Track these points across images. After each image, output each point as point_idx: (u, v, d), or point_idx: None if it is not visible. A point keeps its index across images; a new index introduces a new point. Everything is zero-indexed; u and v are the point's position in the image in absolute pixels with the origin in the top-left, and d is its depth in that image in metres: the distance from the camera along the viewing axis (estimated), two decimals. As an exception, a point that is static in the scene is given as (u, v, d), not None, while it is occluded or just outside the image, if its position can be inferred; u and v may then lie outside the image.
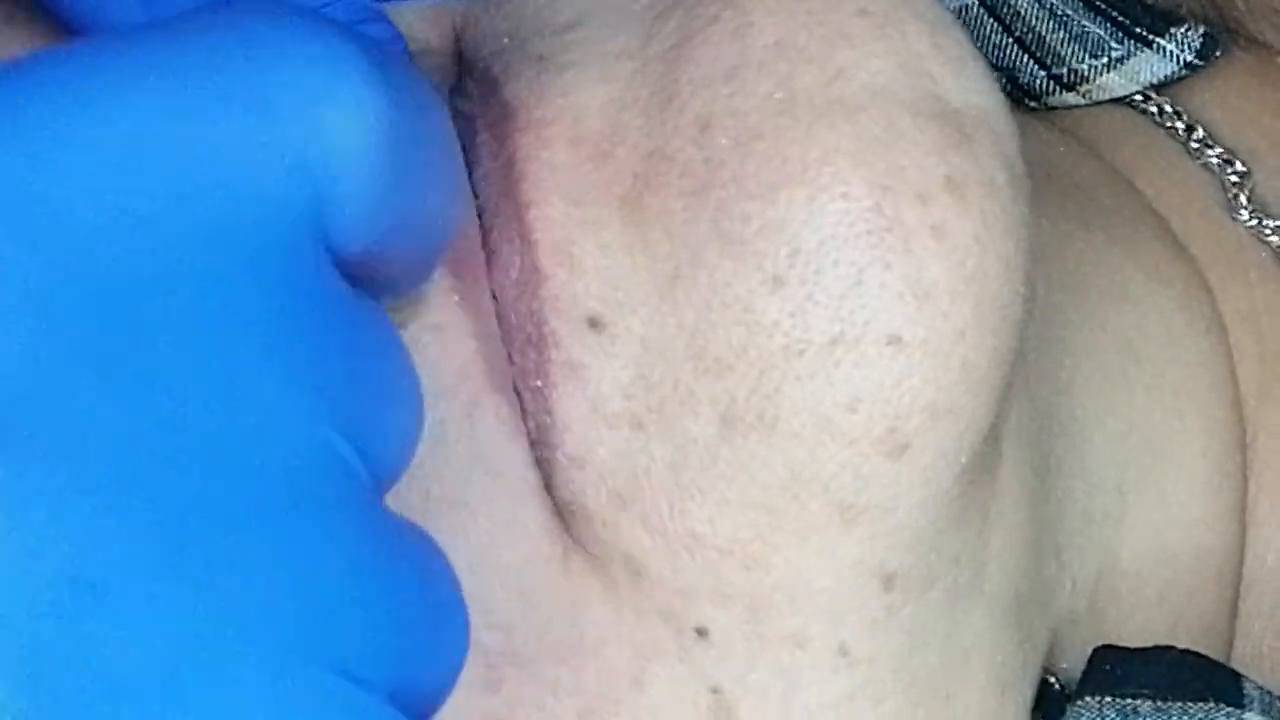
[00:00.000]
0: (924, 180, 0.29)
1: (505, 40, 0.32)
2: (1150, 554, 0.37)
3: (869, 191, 0.29)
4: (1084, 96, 0.42)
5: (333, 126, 0.25)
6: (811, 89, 0.29)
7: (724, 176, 0.29)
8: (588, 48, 0.31)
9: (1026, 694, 0.33)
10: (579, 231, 0.30)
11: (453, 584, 0.26)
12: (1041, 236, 0.31)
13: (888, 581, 0.30)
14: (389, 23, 0.32)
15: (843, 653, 0.30)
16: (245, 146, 0.24)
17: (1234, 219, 0.41)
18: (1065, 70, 0.42)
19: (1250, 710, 0.35)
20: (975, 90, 0.30)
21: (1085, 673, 0.34)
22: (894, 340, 0.29)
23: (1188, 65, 0.42)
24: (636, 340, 0.29)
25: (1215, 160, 0.42)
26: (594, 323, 0.30)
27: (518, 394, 0.30)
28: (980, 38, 0.43)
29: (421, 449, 0.29)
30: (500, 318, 0.30)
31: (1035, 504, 0.34)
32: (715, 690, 0.30)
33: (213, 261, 0.24)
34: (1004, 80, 0.42)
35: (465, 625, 0.26)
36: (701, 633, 0.30)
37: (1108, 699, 0.34)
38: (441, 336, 0.30)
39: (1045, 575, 0.34)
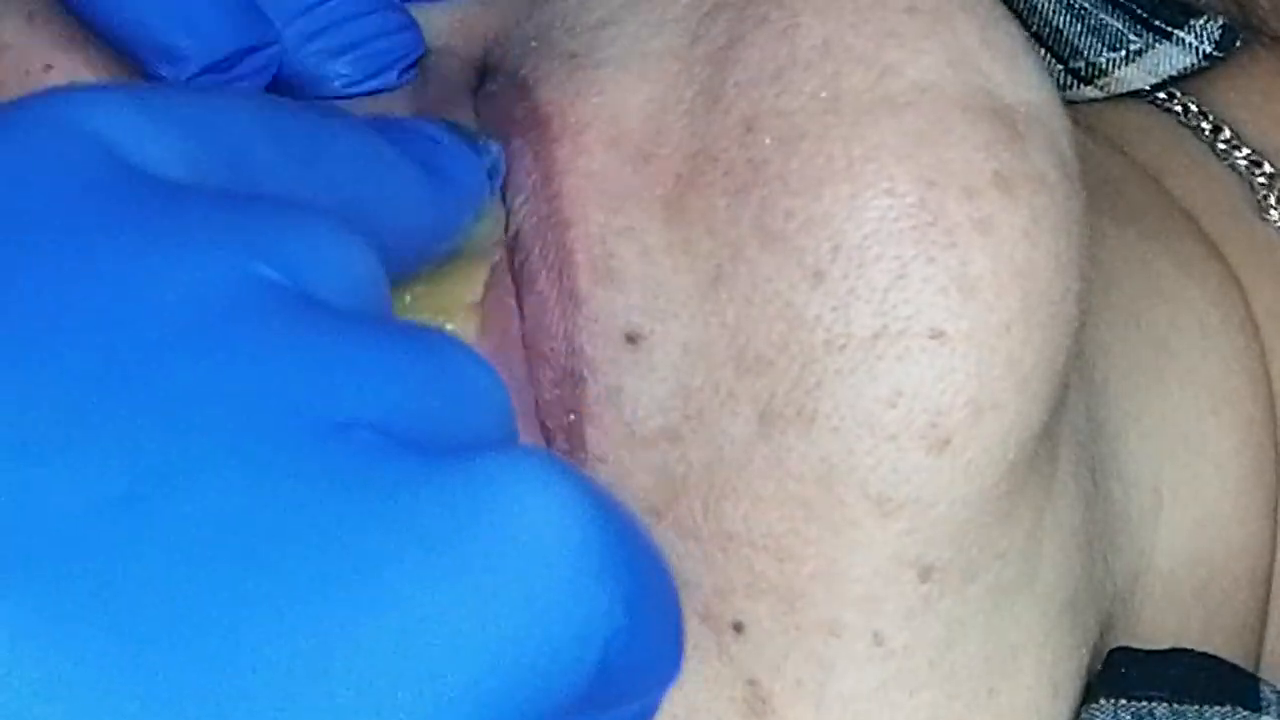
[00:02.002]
0: (971, 175, 0.29)
1: (533, 43, 0.31)
2: (1186, 553, 0.37)
3: (913, 187, 0.28)
4: (1102, 90, 0.42)
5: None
6: (859, 87, 0.29)
7: (768, 174, 0.29)
8: (624, 45, 0.30)
9: (1079, 695, 0.33)
10: (619, 241, 0.29)
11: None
12: None
13: (925, 573, 0.30)
14: (406, 13, 0.32)
15: (878, 642, 0.30)
16: None
17: (1263, 219, 0.41)
18: (1083, 64, 0.42)
19: (1268, 714, 0.34)
20: (1028, 85, 0.30)
21: (1100, 674, 0.34)
22: (937, 334, 0.28)
23: (1207, 57, 0.41)
24: (677, 347, 0.29)
25: (1243, 161, 0.41)
26: (632, 337, 0.29)
27: (545, 432, 0.30)
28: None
29: None
30: (530, 352, 0.30)
31: (1091, 506, 0.34)
32: (751, 682, 0.30)
33: None
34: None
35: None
36: (738, 628, 0.30)
37: (1123, 701, 0.34)
38: None
39: (1098, 577, 0.34)
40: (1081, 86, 0.42)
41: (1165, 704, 0.34)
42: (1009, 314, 0.29)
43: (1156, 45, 0.41)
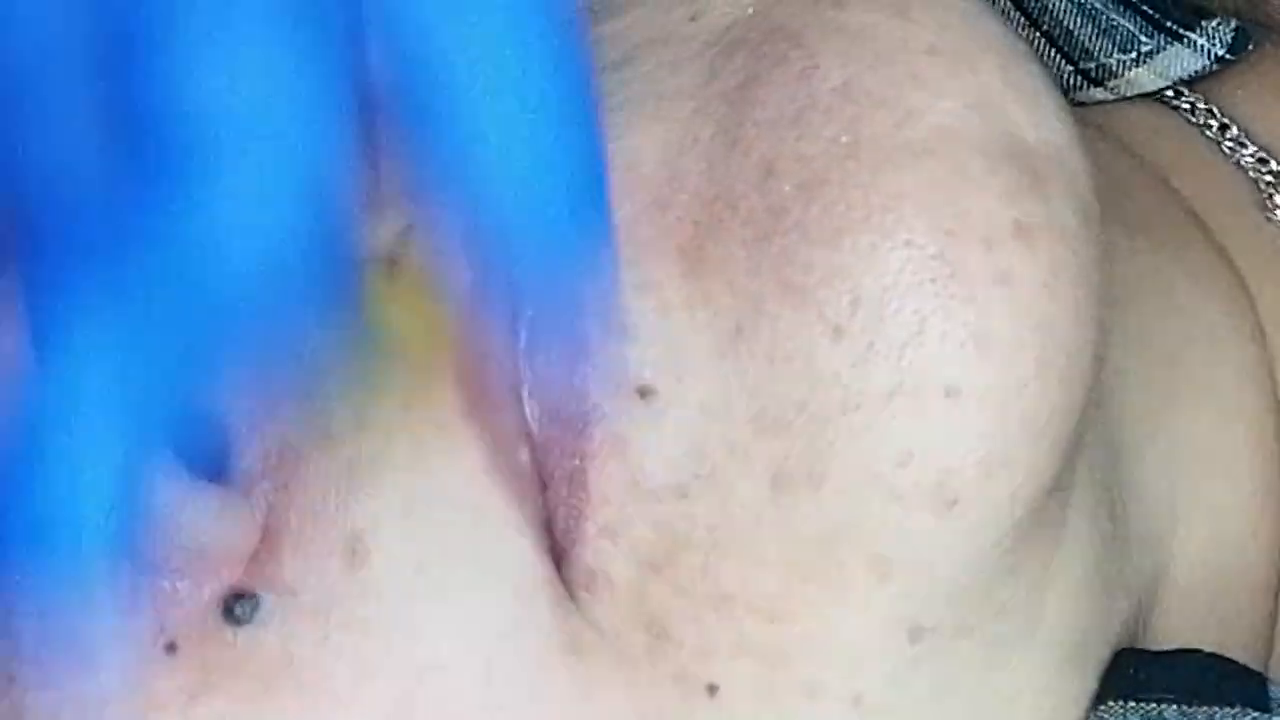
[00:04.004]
0: (991, 225, 0.28)
1: None
2: (1200, 568, 0.37)
3: (932, 238, 0.28)
4: (1112, 92, 0.41)
5: None
6: (879, 133, 0.28)
7: (787, 224, 0.28)
8: (640, 86, 0.30)
9: None
10: (633, 296, 0.29)
11: None
12: None
13: (915, 634, 0.29)
14: None
15: (856, 702, 0.29)
16: None
17: (1269, 219, 0.41)
18: (1094, 65, 0.41)
19: (1278, 715, 0.34)
20: (1049, 126, 0.29)
21: (1107, 676, 0.34)
22: (952, 392, 0.28)
23: (1219, 59, 0.41)
24: (694, 405, 0.28)
25: (1250, 159, 0.41)
26: (645, 392, 0.28)
27: (540, 477, 0.29)
28: (1005, 32, 0.42)
29: (420, 548, 0.28)
30: (529, 396, 0.29)
31: (1108, 543, 0.33)
32: None
33: None
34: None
35: None
36: (712, 690, 0.29)
37: (1131, 704, 0.33)
38: (447, 435, 0.29)
39: (1114, 610, 0.34)
40: (1091, 88, 0.41)
41: (1174, 706, 0.34)
42: (1025, 370, 0.28)
43: (1168, 47, 0.41)
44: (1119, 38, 0.41)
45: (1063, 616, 0.32)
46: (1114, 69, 0.41)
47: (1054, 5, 0.41)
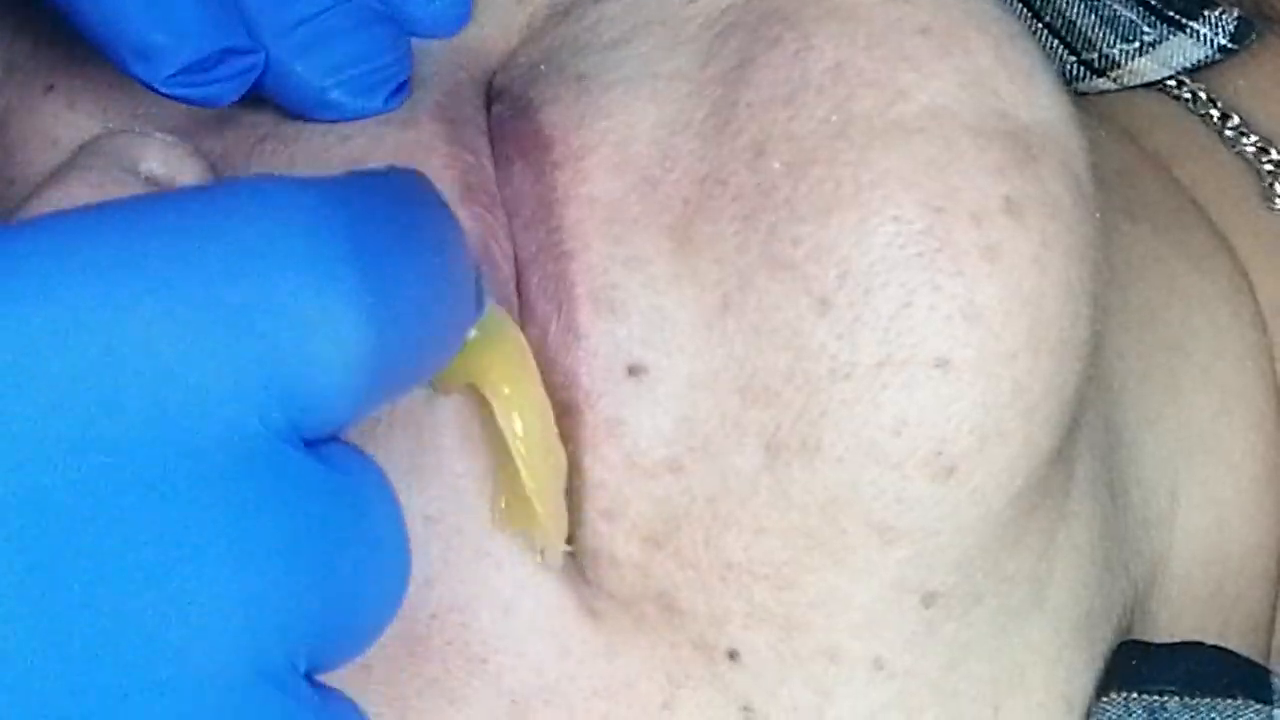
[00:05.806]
0: (980, 201, 0.28)
1: (541, 66, 0.31)
2: (1201, 554, 0.37)
3: (921, 214, 0.28)
4: (1115, 82, 0.41)
5: (316, 354, 0.23)
6: (870, 112, 0.28)
7: (776, 200, 0.28)
8: (635, 66, 0.30)
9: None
10: (622, 272, 0.29)
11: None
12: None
13: (928, 599, 0.30)
14: (394, 23, 0.31)
15: (878, 666, 0.30)
16: (221, 366, 0.23)
17: (1270, 208, 0.41)
18: (1096, 55, 0.41)
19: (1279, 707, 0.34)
20: (1043, 105, 0.29)
21: (1110, 668, 0.34)
22: (942, 363, 0.28)
23: (1221, 49, 0.41)
24: (682, 379, 0.29)
25: (1251, 148, 0.41)
26: (634, 370, 0.29)
27: None
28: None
29: (429, 505, 0.29)
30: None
31: (1108, 521, 0.33)
32: (746, 708, 0.30)
33: (166, 475, 0.23)
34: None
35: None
36: (733, 655, 0.30)
37: (1134, 695, 0.33)
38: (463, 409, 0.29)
39: (1116, 588, 0.34)
40: (1094, 78, 0.41)
41: (1177, 698, 0.34)
42: (1015, 342, 0.28)
43: (1170, 37, 0.41)
44: (1121, 28, 0.41)
45: (1069, 588, 0.32)
46: (1117, 59, 0.41)
47: None
